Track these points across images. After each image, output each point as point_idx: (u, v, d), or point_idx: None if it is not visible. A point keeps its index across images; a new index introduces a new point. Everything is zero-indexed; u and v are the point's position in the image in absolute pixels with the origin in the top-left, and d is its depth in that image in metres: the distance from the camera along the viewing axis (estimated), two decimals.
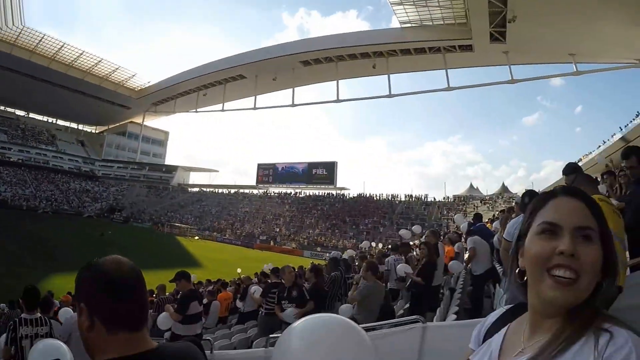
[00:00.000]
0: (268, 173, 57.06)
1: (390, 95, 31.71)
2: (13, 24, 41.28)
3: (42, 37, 44.77)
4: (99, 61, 49.66)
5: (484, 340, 0.78)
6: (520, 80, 26.53)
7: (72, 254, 19.40)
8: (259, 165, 58.27)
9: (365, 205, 44.71)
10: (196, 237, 40.84)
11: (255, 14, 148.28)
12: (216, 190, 60.87)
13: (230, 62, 42.43)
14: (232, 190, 59.42)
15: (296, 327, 0.71)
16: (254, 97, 40.78)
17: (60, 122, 69.77)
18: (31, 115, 66.22)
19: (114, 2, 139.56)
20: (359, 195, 48.21)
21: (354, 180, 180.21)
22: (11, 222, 29.94)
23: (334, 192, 51.09)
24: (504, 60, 25.97)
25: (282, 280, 5.59)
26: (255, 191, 57.39)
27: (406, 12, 26.30)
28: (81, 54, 47.98)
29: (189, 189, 62.78)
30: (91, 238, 27.54)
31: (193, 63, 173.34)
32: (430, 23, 26.89)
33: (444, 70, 28.67)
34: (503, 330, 0.74)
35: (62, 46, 46.46)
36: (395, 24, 33.41)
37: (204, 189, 62.01)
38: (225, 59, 43.74)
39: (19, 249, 20.66)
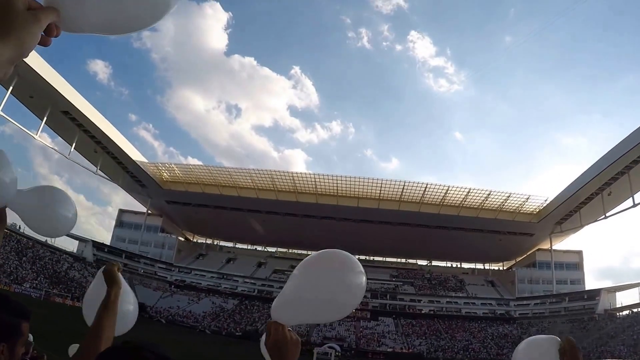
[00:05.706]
0: None
1: None
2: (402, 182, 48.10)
3: (427, 186, 49.06)
4: (488, 194, 50.06)
5: None
6: None
7: None
8: None
9: None
10: None
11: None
12: None
13: (626, 145, 36.57)
14: None
15: None
16: None
17: (465, 265, 70.28)
18: (434, 263, 69.74)
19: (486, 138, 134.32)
20: None
21: None
22: None
23: None
24: None
25: None
26: None
27: None
28: (468, 192, 50.03)
29: (617, 314, 51.47)
30: None
31: (579, 160, 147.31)
32: None
33: None
34: None
35: (448, 190, 49.88)
36: None
37: (634, 309, 49.63)
38: (618, 145, 38.24)
39: None
